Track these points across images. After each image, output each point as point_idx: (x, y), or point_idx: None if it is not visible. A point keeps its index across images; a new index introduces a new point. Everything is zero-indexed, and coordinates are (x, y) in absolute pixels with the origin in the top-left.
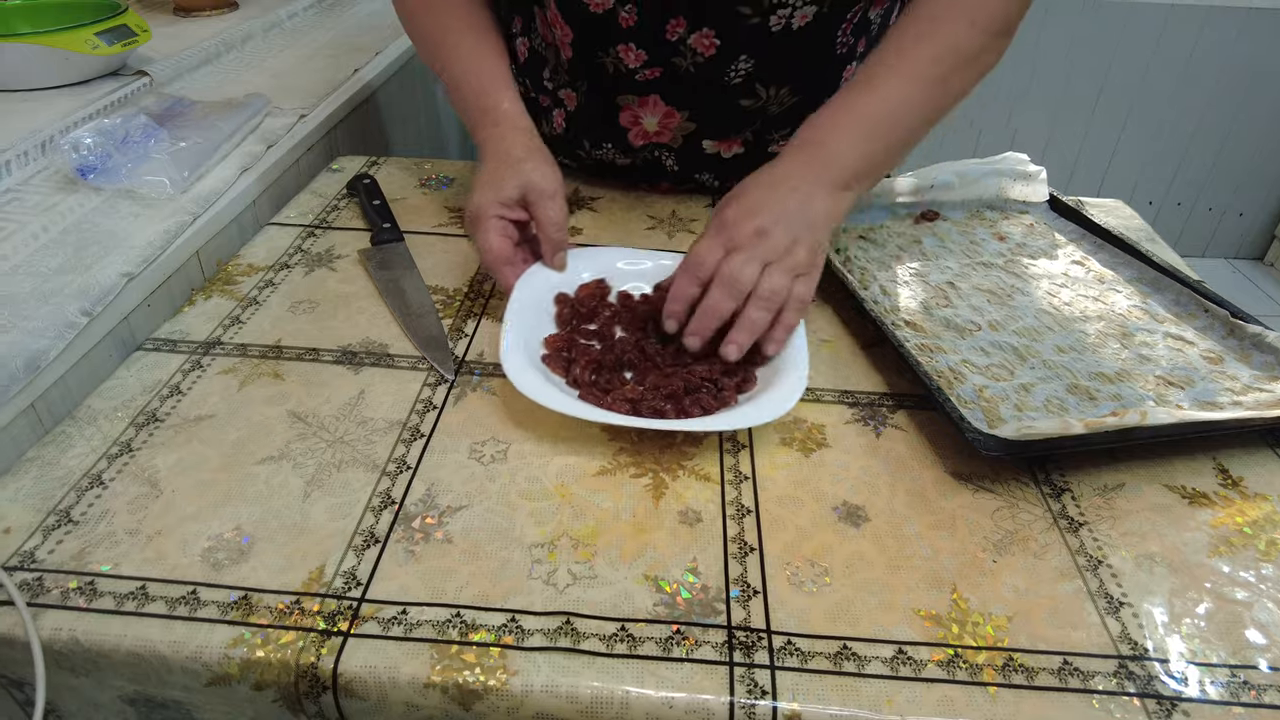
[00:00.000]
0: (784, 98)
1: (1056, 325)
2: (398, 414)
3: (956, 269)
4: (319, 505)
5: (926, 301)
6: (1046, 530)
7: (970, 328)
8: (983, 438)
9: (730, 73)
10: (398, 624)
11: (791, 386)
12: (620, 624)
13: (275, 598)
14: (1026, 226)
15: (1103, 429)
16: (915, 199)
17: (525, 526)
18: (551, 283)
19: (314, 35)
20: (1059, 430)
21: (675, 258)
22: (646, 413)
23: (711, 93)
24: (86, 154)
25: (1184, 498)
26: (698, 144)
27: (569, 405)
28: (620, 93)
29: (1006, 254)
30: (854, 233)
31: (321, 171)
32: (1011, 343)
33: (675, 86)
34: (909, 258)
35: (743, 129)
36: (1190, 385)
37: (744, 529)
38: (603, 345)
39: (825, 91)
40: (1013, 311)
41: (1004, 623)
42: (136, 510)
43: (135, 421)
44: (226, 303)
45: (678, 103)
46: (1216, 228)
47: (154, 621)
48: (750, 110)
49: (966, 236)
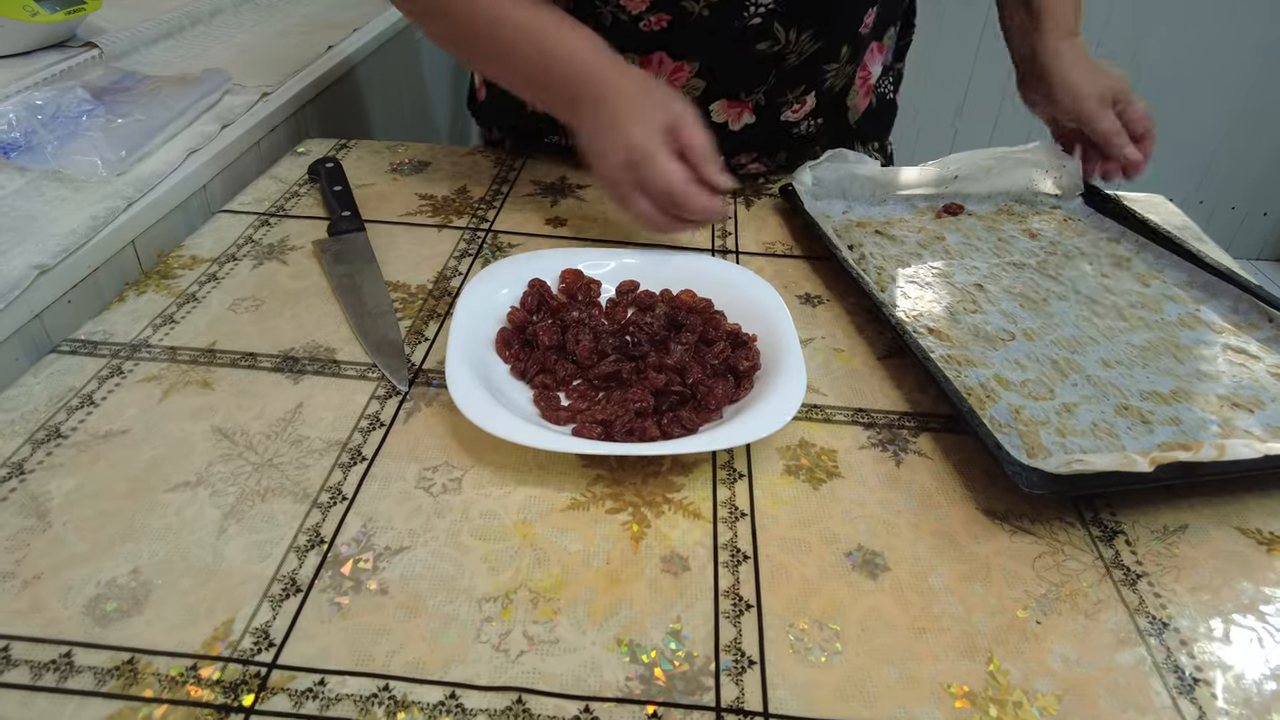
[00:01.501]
0: (804, 45)
1: (1100, 336)
2: (338, 433)
3: (985, 269)
4: (235, 543)
5: (952, 306)
6: (1098, 583)
7: (1003, 337)
8: (1024, 472)
9: (749, 9)
10: (312, 698)
11: (789, 394)
12: (584, 704)
13: (168, 661)
14: (1060, 222)
15: (1172, 463)
16: (937, 190)
17: (476, 575)
18: (509, 283)
19: (289, 10)
20: (1119, 466)
21: (640, 254)
22: (620, 435)
23: (725, 39)
24: (9, 129)
25: (1261, 543)
26: (705, 111)
27: (529, 434)
28: (620, 50)
29: (1039, 253)
30: (870, 227)
31: (285, 155)
32: (1050, 355)
33: (683, 35)
34: (931, 256)
35: (755, 86)
36: (1260, 408)
37: (739, 580)
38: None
39: (844, 38)
40: (1049, 319)
41: (1053, 704)
42: (15, 548)
43: (33, 438)
44: (161, 299)
45: (686, 54)
46: (1239, 228)
47: (9, 695)
48: (766, 57)
49: (994, 233)
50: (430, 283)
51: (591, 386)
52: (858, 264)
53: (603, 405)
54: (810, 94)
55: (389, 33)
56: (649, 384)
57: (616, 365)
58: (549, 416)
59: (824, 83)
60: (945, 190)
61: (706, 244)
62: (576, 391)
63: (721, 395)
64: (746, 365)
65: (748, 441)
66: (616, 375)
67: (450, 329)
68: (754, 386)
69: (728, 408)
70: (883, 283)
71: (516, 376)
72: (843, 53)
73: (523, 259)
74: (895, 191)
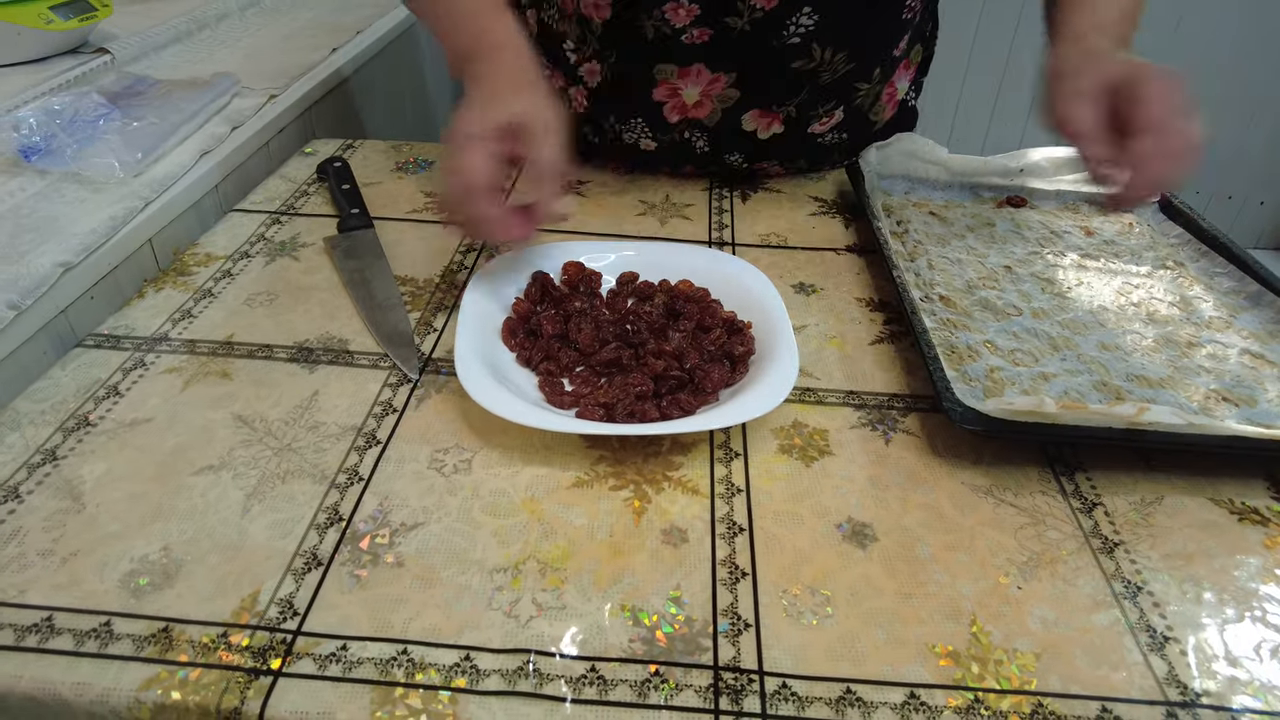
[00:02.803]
0: (838, 64)
1: (1112, 323)
2: (353, 418)
3: (1021, 255)
4: (259, 522)
5: (972, 281)
6: (1077, 551)
7: (1010, 311)
8: (961, 410)
9: (789, 29)
10: (336, 661)
11: (782, 377)
12: (590, 664)
13: (200, 630)
14: (1125, 225)
15: (1085, 417)
16: (1003, 181)
17: (487, 548)
18: (513, 276)
19: (294, 14)
20: (1032, 407)
21: (638, 245)
22: (621, 417)
23: (763, 55)
24: (29, 134)
25: (1233, 513)
26: (736, 119)
27: (535, 417)
28: (659, 61)
29: (1086, 248)
30: (926, 208)
31: (293, 155)
32: (1050, 332)
33: (723, 49)
34: (974, 239)
35: (788, 100)
36: (1249, 405)
37: (735, 550)
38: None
39: (877, 61)
40: (1065, 303)
41: (1031, 661)
42: (53, 528)
43: (64, 426)
44: (178, 295)
45: (724, 66)
46: (1236, 217)
47: (56, 659)
48: (800, 74)
49: (1048, 226)
50: (437, 276)
51: (594, 373)
52: (895, 236)
53: (604, 389)
54: (840, 109)
55: (391, 35)
56: (648, 369)
57: (617, 352)
58: (553, 401)
59: (854, 100)
60: (1011, 182)
61: (704, 237)
62: (579, 378)
63: (718, 379)
64: (741, 350)
65: (742, 421)
66: (617, 361)
67: (458, 320)
68: (749, 371)
69: (724, 391)
70: (915, 253)
71: (522, 364)
72: (875, 74)
73: (526, 253)
74: (961, 178)
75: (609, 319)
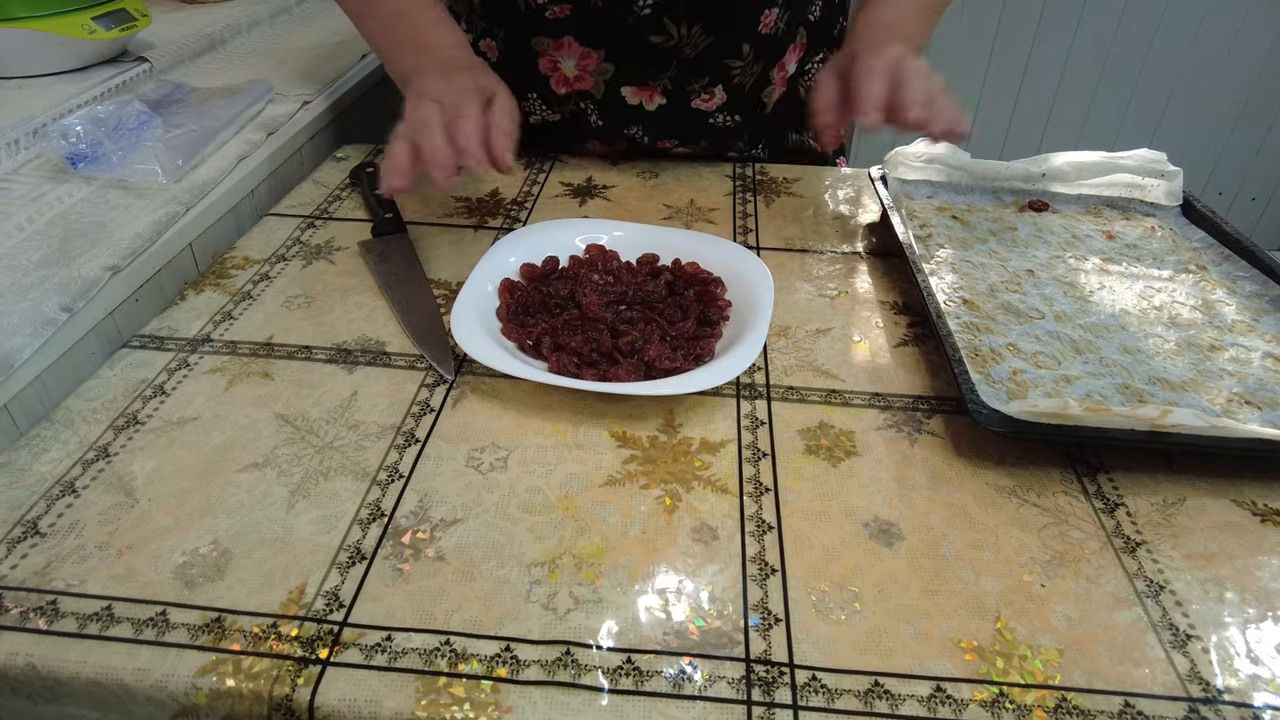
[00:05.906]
0: (696, 38)
1: (1134, 326)
2: (392, 418)
3: (1044, 258)
4: (303, 518)
5: (995, 285)
6: (1100, 550)
7: (1033, 315)
8: (986, 412)
9: (638, 3)
10: (381, 652)
11: (733, 365)
12: (626, 655)
13: (251, 620)
14: (1147, 229)
15: (1109, 420)
16: (1025, 186)
17: (525, 543)
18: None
19: (324, 21)
20: (1057, 409)
21: (633, 228)
22: (590, 375)
23: (623, 29)
24: (76, 142)
25: (1255, 514)
26: (618, 92)
27: (511, 365)
28: (535, 35)
29: (1108, 252)
30: (949, 212)
31: (326, 160)
32: (1072, 335)
33: (586, 23)
34: (996, 242)
35: (660, 74)
36: (1272, 408)
37: (765, 548)
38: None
39: (741, 36)
40: (1087, 306)
41: (1055, 657)
42: (108, 521)
43: (114, 424)
44: (219, 297)
45: (592, 41)
46: (1260, 218)
47: (117, 647)
48: (663, 50)
49: (1070, 230)
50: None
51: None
52: (918, 240)
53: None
54: (717, 87)
55: None
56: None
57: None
58: (525, 350)
59: (731, 79)
60: (1033, 186)
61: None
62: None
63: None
64: (716, 316)
65: (683, 392)
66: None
67: (466, 281)
68: (714, 357)
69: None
70: (938, 257)
71: (501, 318)
72: (745, 50)
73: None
74: (983, 183)
75: (602, 284)
